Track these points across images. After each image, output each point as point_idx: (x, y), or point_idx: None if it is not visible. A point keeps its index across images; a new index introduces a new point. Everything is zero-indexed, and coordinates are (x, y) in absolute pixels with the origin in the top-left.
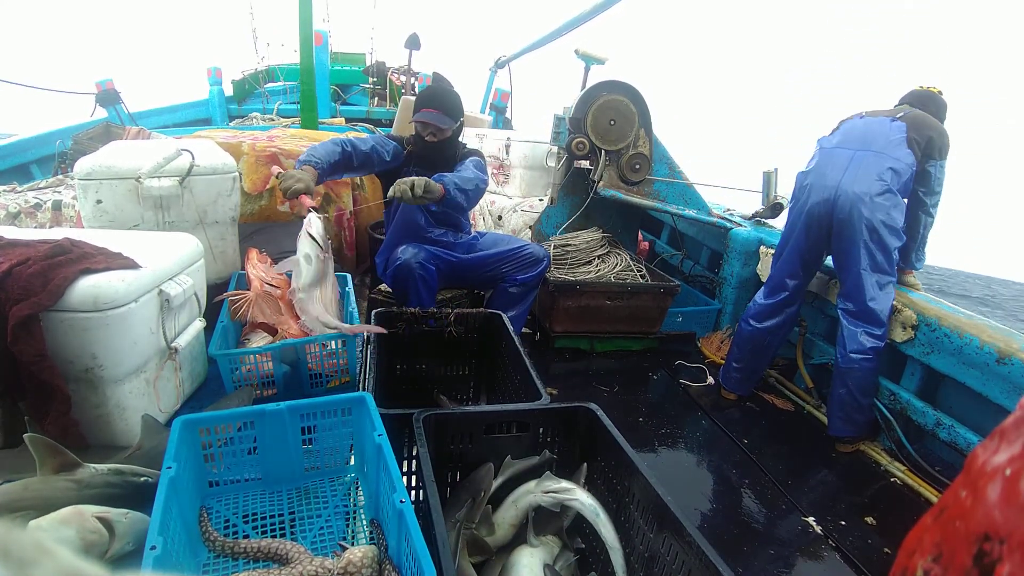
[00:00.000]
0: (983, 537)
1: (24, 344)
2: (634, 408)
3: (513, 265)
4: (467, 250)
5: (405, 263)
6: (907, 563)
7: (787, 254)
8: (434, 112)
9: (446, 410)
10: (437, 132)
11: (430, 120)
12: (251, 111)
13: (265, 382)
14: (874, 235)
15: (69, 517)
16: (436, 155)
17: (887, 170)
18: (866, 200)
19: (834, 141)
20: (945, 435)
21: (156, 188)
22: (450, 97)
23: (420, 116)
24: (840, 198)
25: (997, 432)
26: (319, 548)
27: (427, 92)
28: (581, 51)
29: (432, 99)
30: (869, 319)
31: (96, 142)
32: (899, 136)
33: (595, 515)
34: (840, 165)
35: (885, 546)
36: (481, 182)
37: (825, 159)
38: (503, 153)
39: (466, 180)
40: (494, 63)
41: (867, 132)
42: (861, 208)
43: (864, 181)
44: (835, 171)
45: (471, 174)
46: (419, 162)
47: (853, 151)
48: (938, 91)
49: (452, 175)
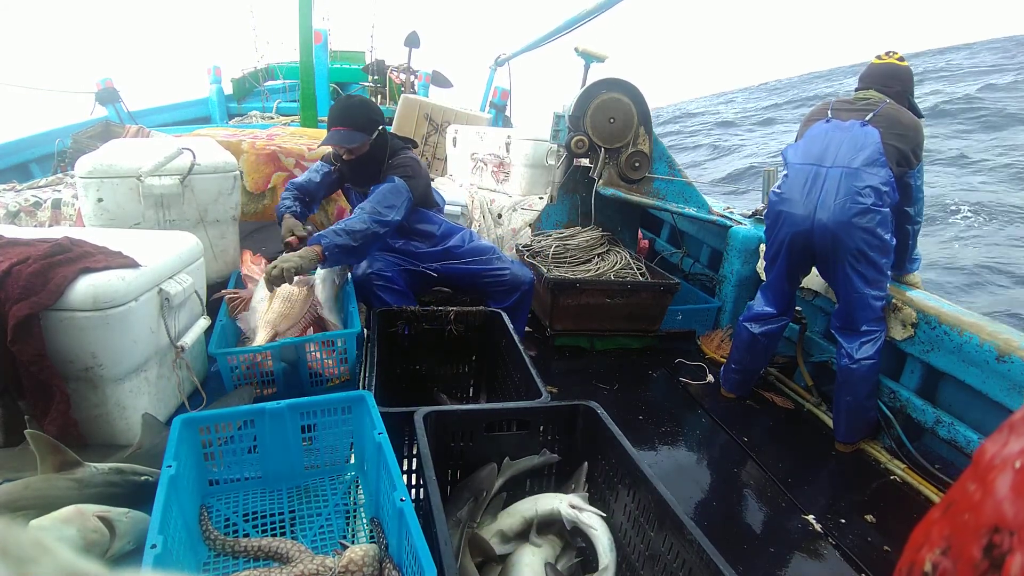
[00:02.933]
0: (993, 529)
1: (24, 343)
2: (634, 406)
3: (488, 287)
4: (439, 258)
5: (360, 278)
6: (915, 557)
7: (773, 278)
8: (341, 131)
9: (446, 408)
10: (350, 151)
11: (335, 142)
12: (251, 109)
13: (265, 381)
14: (861, 258)
15: (70, 516)
16: (359, 171)
17: (865, 188)
18: (845, 227)
19: (802, 154)
20: (945, 433)
21: (157, 187)
22: (357, 110)
23: (328, 139)
24: (817, 229)
25: (1006, 426)
26: (319, 547)
27: (333, 110)
28: (581, 49)
29: (338, 117)
30: (866, 333)
31: (96, 140)
32: (873, 148)
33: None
34: (814, 187)
35: (885, 544)
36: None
37: (794, 180)
38: (503, 151)
39: (352, 228)
40: (494, 61)
41: (836, 142)
42: (842, 237)
43: (840, 207)
44: (807, 196)
45: (365, 215)
46: (349, 178)
47: (827, 169)
48: (897, 58)
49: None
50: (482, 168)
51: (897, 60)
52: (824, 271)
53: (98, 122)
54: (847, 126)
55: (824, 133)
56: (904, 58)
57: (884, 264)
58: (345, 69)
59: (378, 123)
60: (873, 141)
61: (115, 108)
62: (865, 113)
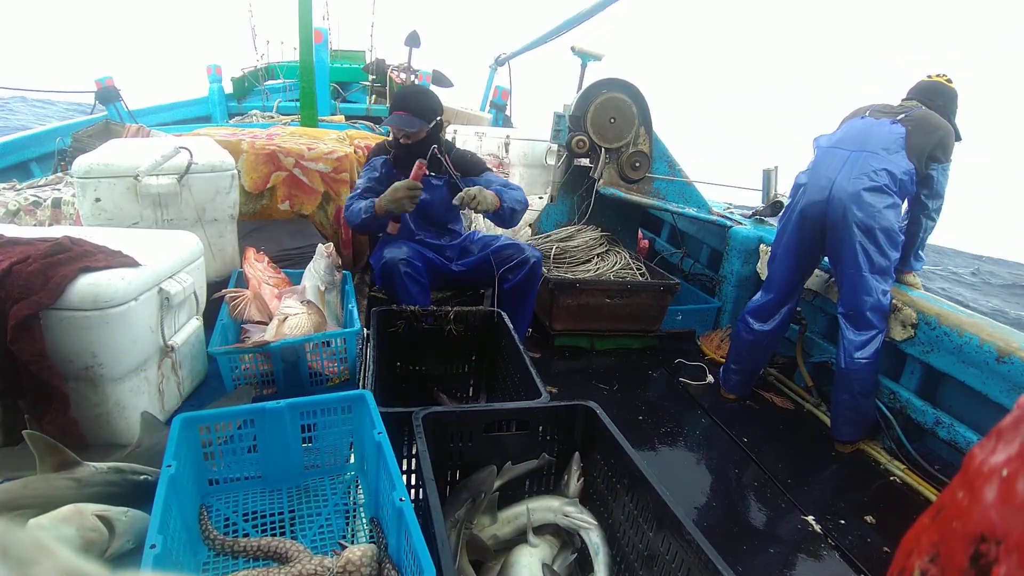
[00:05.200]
0: (980, 538)
1: (24, 343)
2: (634, 406)
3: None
4: (458, 254)
5: (389, 260)
6: (905, 563)
7: (780, 254)
8: (402, 115)
9: (446, 408)
10: (409, 134)
11: (396, 124)
12: (251, 108)
13: (265, 380)
14: (869, 235)
15: (69, 515)
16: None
17: (881, 170)
18: (857, 199)
19: (832, 140)
20: (944, 434)
21: (154, 186)
22: (420, 98)
23: (389, 120)
24: (833, 200)
25: (994, 432)
26: (319, 546)
27: (397, 95)
28: (577, 48)
29: (401, 102)
30: (867, 323)
31: (96, 140)
32: (897, 140)
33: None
34: (835, 165)
35: (884, 545)
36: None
37: (821, 159)
38: (503, 151)
39: (521, 200)
40: (494, 61)
41: (866, 133)
42: (854, 208)
43: (856, 180)
44: (830, 171)
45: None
46: (402, 163)
47: (849, 151)
48: (946, 79)
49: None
50: None
51: (946, 81)
52: (832, 249)
53: (98, 121)
54: (878, 123)
55: (856, 126)
56: (952, 80)
57: (891, 257)
58: (345, 68)
59: (437, 113)
60: (898, 135)
61: (115, 107)
62: (899, 115)
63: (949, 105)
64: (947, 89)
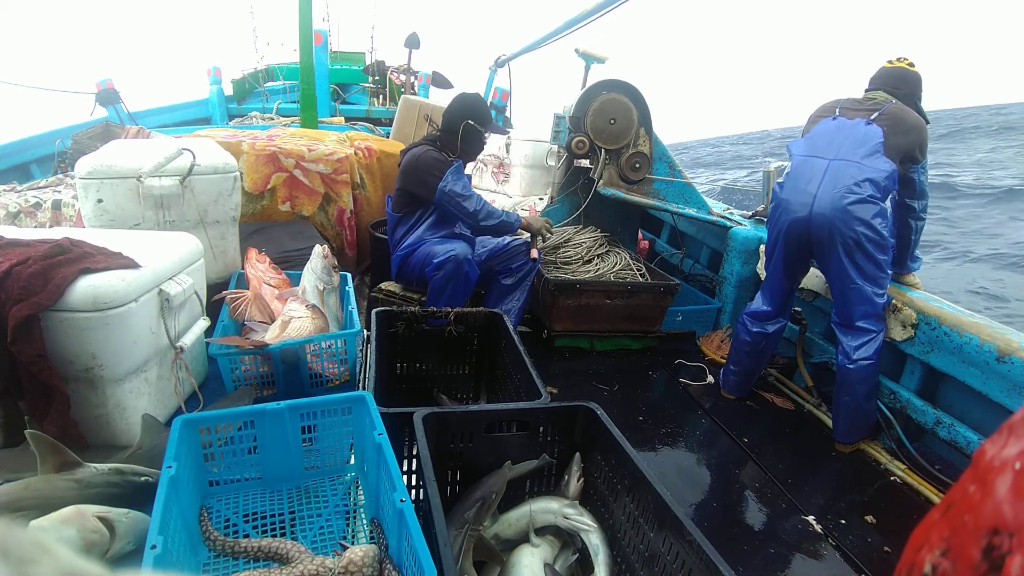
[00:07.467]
0: (992, 531)
1: (24, 344)
2: (634, 407)
3: (504, 258)
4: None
5: (460, 255)
6: (914, 559)
7: (772, 269)
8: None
9: (446, 409)
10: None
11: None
12: (251, 110)
13: (265, 381)
14: (859, 249)
15: (70, 517)
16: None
17: (863, 181)
18: (841, 215)
19: (808, 148)
20: (945, 433)
21: (157, 187)
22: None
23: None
24: (816, 216)
25: (1006, 427)
26: (319, 547)
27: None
28: (581, 50)
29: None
30: (863, 330)
31: (96, 141)
32: (876, 143)
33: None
34: (815, 178)
35: (885, 544)
36: None
37: (799, 170)
38: (503, 152)
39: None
40: (494, 62)
41: (841, 137)
42: (839, 226)
43: (839, 196)
44: (810, 185)
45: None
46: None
47: (828, 161)
48: (908, 64)
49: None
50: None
51: (908, 65)
52: (821, 262)
53: (98, 123)
54: (852, 124)
55: (829, 129)
56: (914, 64)
57: (883, 261)
58: (345, 70)
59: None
60: (876, 138)
61: (115, 109)
62: (871, 112)
63: (915, 91)
64: (910, 75)
